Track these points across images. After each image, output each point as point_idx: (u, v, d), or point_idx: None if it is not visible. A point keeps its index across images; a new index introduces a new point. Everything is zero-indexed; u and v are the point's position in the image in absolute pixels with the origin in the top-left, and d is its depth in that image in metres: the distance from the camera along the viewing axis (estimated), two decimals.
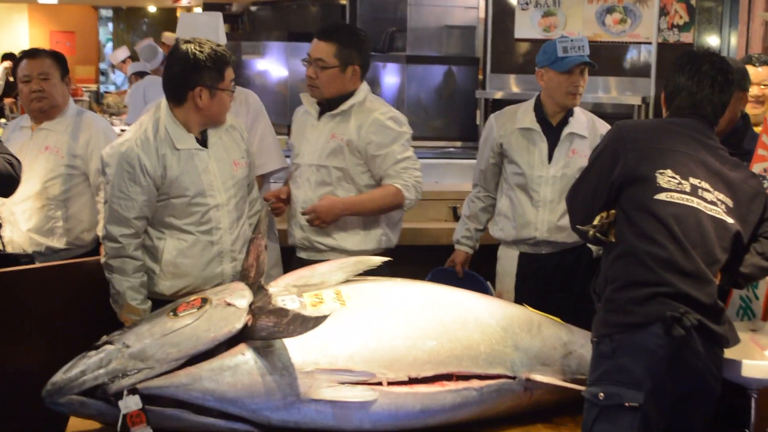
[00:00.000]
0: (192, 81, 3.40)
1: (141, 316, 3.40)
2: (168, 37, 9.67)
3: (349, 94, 3.87)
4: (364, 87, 3.93)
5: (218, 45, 3.48)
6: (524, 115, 4.16)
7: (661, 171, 2.85)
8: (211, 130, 3.54)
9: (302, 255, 3.92)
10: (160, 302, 3.39)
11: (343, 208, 3.80)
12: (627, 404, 2.74)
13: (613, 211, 2.91)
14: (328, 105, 3.89)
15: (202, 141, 3.51)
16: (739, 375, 2.91)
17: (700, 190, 2.87)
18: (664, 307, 2.74)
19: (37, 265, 3.99)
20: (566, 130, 4.10)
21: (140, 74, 8.75)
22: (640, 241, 2.81)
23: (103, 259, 3.50)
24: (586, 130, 4.13)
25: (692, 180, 2.87)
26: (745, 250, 2.97)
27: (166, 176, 3.41)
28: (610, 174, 2.89)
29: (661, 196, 2.82)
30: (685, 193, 2.84)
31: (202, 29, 4.04)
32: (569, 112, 4.13)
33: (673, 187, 2.83)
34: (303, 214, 3.82)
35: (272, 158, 4.31)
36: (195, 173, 3.45)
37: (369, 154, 3.83)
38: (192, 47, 3.41)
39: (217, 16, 4.25)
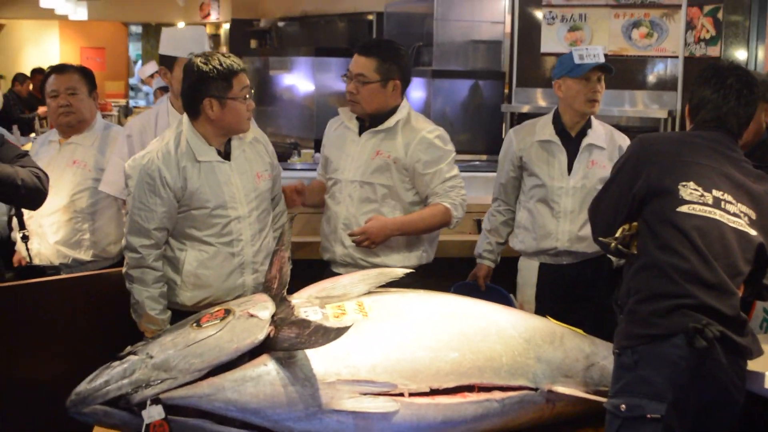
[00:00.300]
0: (200, 93, 3.43)
1: (160, 327, 3.45)
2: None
3: (392, 110, 3.88)
4: (406, 103, 3.94)
5: (227, 55, 3.49)
6: (543, 128, 4.19)
7: (684, 183, 2.85)
8: (235, 143, 3.56)
9: (340, 271, 3.87)
10: (181, 313, 3.42)
11: (393, 228, 3.79)
12: (649, 416, 2.73)
13: (635, 224, 2.91)
14: (370, 121, 3.90)
15: (226, 154, 3.54)
16: (762, 387, 2.89)
17: (722, 203, 2.86)
18: (686, 318, 2.73)
19: (61, 276, 4.02)
20: (585, 142, 4.13)
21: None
22: (662, 253, 2.80)
23: (124, 269, 3.53)
24: (605, 141, 4.16)
25: (715, 192, 2.86)
26: None
27: (187, 188, 3.45)
28: (632, 186, 2.90)
29: (684, 209, 2.82)
30: (707, 205, 2.84)
31: (186, 43, 4.05)
32: (588, 124, 4.16)
33: (695, 200, 2.83)
34: (351, 235, 3.80)
35: None
36: (216, 185, 3.48)
37: (417, 172, 3.83)
38: (198, 60, 3.45)
39: (201, 30, 4.26)
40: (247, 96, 3.50)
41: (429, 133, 3.89)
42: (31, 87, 12.14)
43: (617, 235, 2.94)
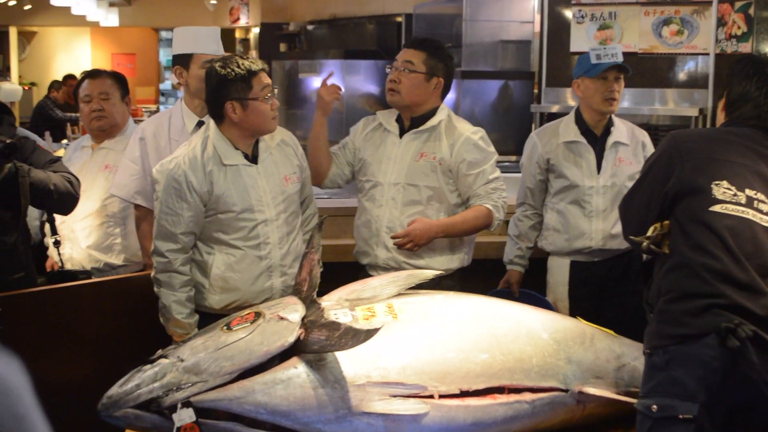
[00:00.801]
0: (222, 97, 3.45)
1: (186, 331, 3.48)
2: None
3: (431, 111, 3.88)
4: (444, 106, 3.95)
5: (245, 57, 3.50)
6: (567, 128, 4.20)
7: (717, 182, 2.82)
8: (262, 146, 3.58)
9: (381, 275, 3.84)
10: (210, 316, 3.44)
11: (437, 231, 3.77)
12: (681, 416, 2.71)
13: (666, 222, 2.89)
14: (411, 122, 3.90)
15: (253, 157, 3.55)
16: None
17: (755, 202, 2.83)
18: (718, 318, 2.70)
19: (91, 280, 4.06)
20: (611, 140, 4.15)
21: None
22: (695, 253, 2.78)
23: (152, 274, 3.56)
24: (628, 138, 4.20)
25: (748, 191, 2.83)
26: None
27: (213, 192, 3.46)
28: (665, 184, 2.87)
29: (716, 208, 2.79)
30: (740, 204, 2.80)
31: (200, 40, 4.10)
32: (610, 122, 4.17)
33: (728, 199, 2.80)
34: (394, 237, 3.79)
35: None
36: (242, 189, 3.49)
37: (461, 173, 3.83)
38: (217, 65, 3.46)
39: (214, 28, 4.27)
40: (269, 95, 3.49)
41: (473, 134, 3.89)
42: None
43: (649, 233, 2.91)
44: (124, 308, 3.89)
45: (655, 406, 2.75)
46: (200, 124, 4.10)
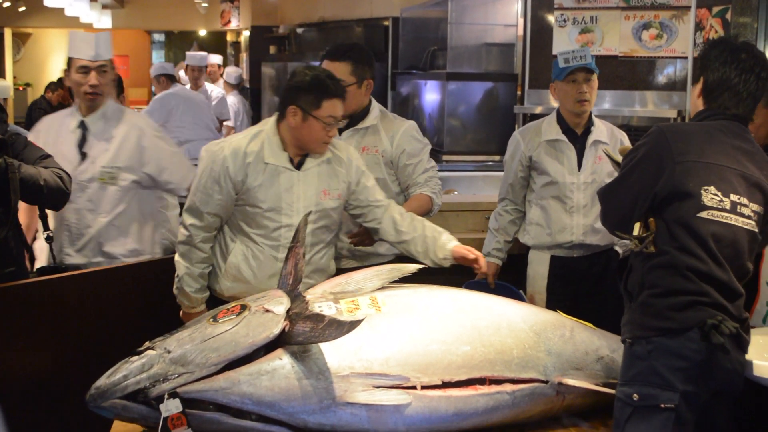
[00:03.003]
0: (290, 99, 3.49)
1: (193, 305, 3.62)
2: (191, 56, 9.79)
3: (365, 108, 4.08)
4: (374, 101, 4.15)
5: (332, 77, 3.52)
6: (549, 127, 4.31)
7: (706, 188, 2.86)
8: (312, 155, 3.60)
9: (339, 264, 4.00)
10: (219, 301, 3.56)
11: None
12: (662, 405, 2.78)
13: (652, 220, 2.92)
14: (350, 121, 4.03)
15: (298, 164, 3.57)
16: (752, 374, 2.93)
17: (739, 206, 2.88)
18: (701, 314, 2.78)
19: (78, 272, 4.09)
20: (591, 138, 4.26)
21: (169, 78, 8.69)
22: (682, 254, 2.83)
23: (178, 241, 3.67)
24: (607, 137, 4.32)
25: (732, 197, 2.88)
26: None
27: (245, 183, 3.51)
28: (655, 184, 2.88)
29: (703, 214, 2.84)
30: (725, 210, 2.86)
31: (75, 47, 4.20)
32: (590, 122, 4.27)
33: (714, 205, 2.85)
34: (351, 237, 3.92)
35: None
36: (275, 189, 3.53)
37: (402, 163, 4.03)
38: (303, 68, 3.52)
39: (91, 36, 4.30)
40: (332, 123, 3.49)
41: (410, 126, 4.12)
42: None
43: (636, 233, 2.94)
44: (111, 299, 3.95)
45: (636, 395, 2.82)
46: (82, 124, 4.23)
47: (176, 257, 3.66)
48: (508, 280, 4.28)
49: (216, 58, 11.58)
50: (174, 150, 4.51)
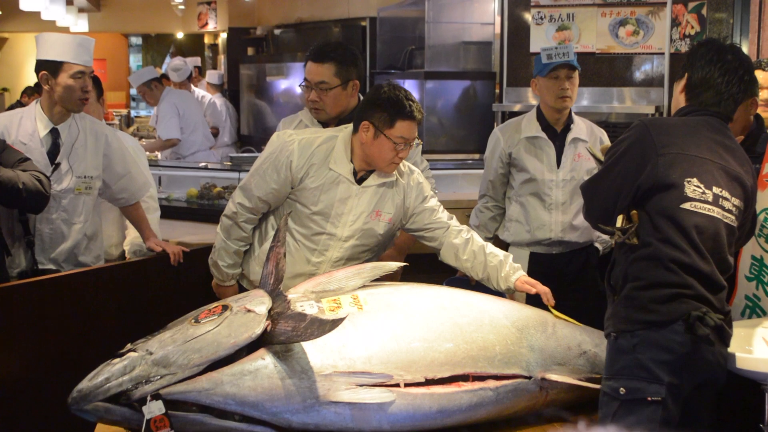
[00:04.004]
0: (366, 113, 3.45)
1: (223, 279, 3.69)
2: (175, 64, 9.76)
3: (353, 110, 3.93)
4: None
5: (412, 100, 3.45)
6: (528, 124, 4.32)
7: (689, 180, 2.87)
8: (377, 172, 3.56)
9: None
10: (242, 289, 3.61)
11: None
12: (649, 398, 2.79)
13: (635, 212, 2.93)
14: (338, 124, 3.94)
15: (360, 178, 3.54)
16: (734, 366, 2.96)
17: (720, 199, 2.91)
18: (685, 306, 2.80)
19: (59, 274, 4.07)
20: (570, 136, 4.28)
21: (159, 80, 8.62)
22: (665, 246, 2.85)
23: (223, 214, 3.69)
24: (587, 135, 4.33)
25: (715, 189, 2.90)
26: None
27: (303, 182, 3.50)
28: (638, 176, 2.90)
29: (686, 206, 2.86)
30: (707, 203, 2.88)
31: (72, 48, 4.11)
32: (570, 119, 4.29)
33: (697, 197, 2.87)
34: None
35: None
36: (330, 196, 3.50)
37: None
38: (386, 85, 3.47)
39: (89, 40, 4.26)
40: (403, 147, 3.45)
41: None
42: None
43: (619, 225, 2.96)
44: (90, 301, 3.94)
45: (623, 389, 2.83)
46: (54, 131, 4.14)
47: (217, 229, 3.70)
48: None
49: (193, 61, 11.55)
50: (134, 161, 4.44)
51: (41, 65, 4.12)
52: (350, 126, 3.56)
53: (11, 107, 11.72)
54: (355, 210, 3.52)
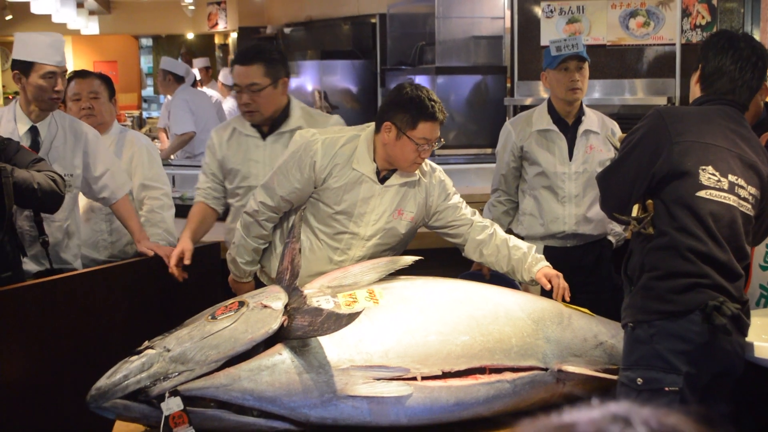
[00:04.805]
0: (388, 114, 3.43)
1: (240, 275, 3.72)
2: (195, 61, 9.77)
3: (285, 108, 3.99)
4: (294, 100, 4.06)
5: (434, 100, 3.42)
6: (540, 117, 4.32)
7: (704, 167, 2.88)
8: (399, 172, 3.54)
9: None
10: (260, 284, 3.62)
11: None
12: (667, 389, 2.79)
13: (650, 202, 2.93)
14: (272, 124, 3.97)
15: (383, 178, 3.53)
16: (752, 355, 2.97)
17: (736, 187, 2.91)
18: (703, 296, 2.80)
19: (70, 273, 4.06)
20: (582, 128, 4.27)
21: (177, 78, 8.64)
22: (681, 235, 2.85)
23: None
24: (598, 127, 4.33)
25: (730, 177, 2.90)
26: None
27: (326, 182, 3.49)
28: (653, 164, 2.90)
29: (702, 194, 2.86)
30: (723, 190, 2.88)
31: (42, 49, 4.08)
32: (581, 111, 4.28)
33: (712, 185, 2.87)
34: None
35: None
36: (353, 196, 3.50)
37: None
38: (408, 84, 3.45)
39: (59, 40, 4.20)
40: (426, 147, 3.43)
41: (336, 121, 4.03)
42: None
43: (635, 214, 2.96)
44: (105, 299, 3.94)
45: (640, 379, 2.83)
46: (33, 129, 4.13)
47: (237, 225, 3.71)
48: None
49: (200, 62, 11.55)
50: (114, 158, 4.40)
51: (14, 65, 4.13)
52: (372, 125, 3.54)
53: None
54: (378, 209, 3.52)
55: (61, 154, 4.16)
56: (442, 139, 3.58)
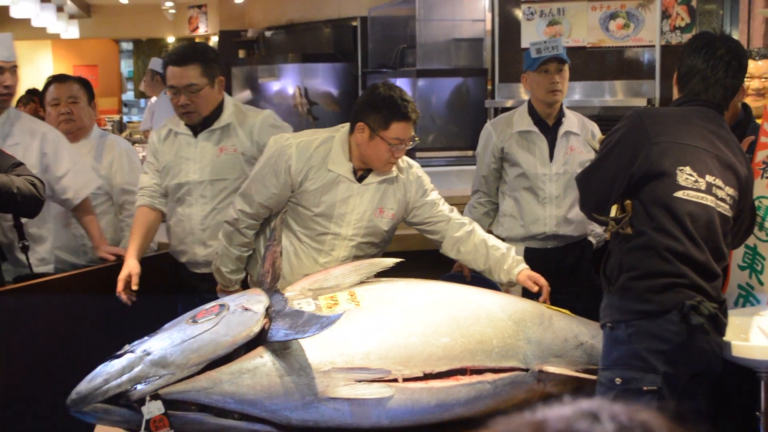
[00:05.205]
0: (361, 114, 3.44)
1: (227, 284, 3.70)
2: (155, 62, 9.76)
3: (220, 106, 3.96)
4: (227, 97, 4.04)
5: (406, 100, 3.43)
6: (520, 119, 4.33)
7: (681, 168, 2.89)
8: (376, 171, 3.54)
9: (200, 270, 4.02)
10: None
11: None
12: (645, 388, 2.80)
13: (629, 202, 2.95)
14: (204, 122, 3.94)
15: (361, 176, 3.53)
16: (730, 354, 2.98)
17: (714, 188, 2.92)
18: (680, 296, 2.81)
19: (49, 277, 4.04)
20: (562, 129, 4.29)
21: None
22: (659, 235, 2.86)
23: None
24: (578, 128, 4.34)
25: (708, 178, 2.92)
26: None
27: (303, 185, 3.49)
28: (632, 165, 2.91)
29: (680, 194, 2.88)
30: (700, 191, 2.90)
31: (1, 47, 4.06)
32: (561, 113, 4.30)
33: (690, 185, 2.89)
34: None
35: None
36: (331, 197, 3.50)
37: None
38: (382, 85, 3.46)
39: (6, 36, 4.18)
40: (400, 146, 3.43)
41: (266, 117, 3.98)
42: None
43: (613, 215, 2.97)
44: (85, 303, 3.93)
45: (618, 379, 2.84)
46: None
47: (220, 235, 3.70)
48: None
49: None
50: (75, 159, 4.33)
51: None
52: (347, 126, 3.54)
53: None
54: (359, 208, 3.52)
55: (21, 154, 4.04)
56: (417, 138, 3.57)
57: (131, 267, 3.84)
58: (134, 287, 3.80)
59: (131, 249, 3.93)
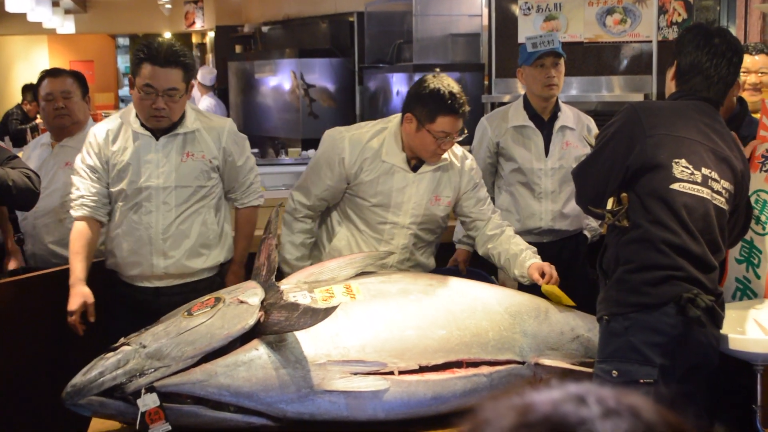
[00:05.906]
0: (410, 105, 3.47)
1: (293, 272, 3.49)
2: None
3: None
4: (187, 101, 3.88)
5: (458, 95, 3.42)
6: (516, 113, 4.33)
7: (677, 160, 2.89)
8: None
9: (158, 284, 3.74)
10: None
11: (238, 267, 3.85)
12: (642, 381, 2.81)
13: (625, 195, 2.95)
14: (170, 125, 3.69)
15: (415, 166, 3.56)
16: (727, 347, 2.98)
17: (709, 180, 2.92)
18: (677, 288, 2.81)
19: (44, 271, 4.01)
20: (558, 124, 4.29)
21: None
22: (655, 227, 2.86)
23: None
24: (574, 123, 4.34)
25: (704, 170, 2.92)
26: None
27: (358, 177, 3.52)
28: (627, 157, 2.92)
29: (676, 186, 2.87)
30: (696, 183, 2.89)
31: None
32: (557, 107, 4.30)
33: (686, 178, 2.88)
34: None
35: None
36: (387, 187, 3.54)
37: (234, 164, 3.76)
38: (432, 77, 3.47)
39: None
40: (446, 139, 3.44)
41: (231, 125, 3.81)
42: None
43: (609, 207, 2.97)
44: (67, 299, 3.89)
45: (615, 372, 2.84)
46: None
47: (281, 225, 3.70)
48: (480, 266, 4.30)
49: None
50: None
51: None
52: (398, 116, 3.58)
53: (9, 113, 11.64)
54: (415, 197, 3.56)
55: None
56: (466, 131, 3.58)
57: (85, 295, 3.50)
58: (91, 319, 3.49)
59: (77, 271, 3.55)
